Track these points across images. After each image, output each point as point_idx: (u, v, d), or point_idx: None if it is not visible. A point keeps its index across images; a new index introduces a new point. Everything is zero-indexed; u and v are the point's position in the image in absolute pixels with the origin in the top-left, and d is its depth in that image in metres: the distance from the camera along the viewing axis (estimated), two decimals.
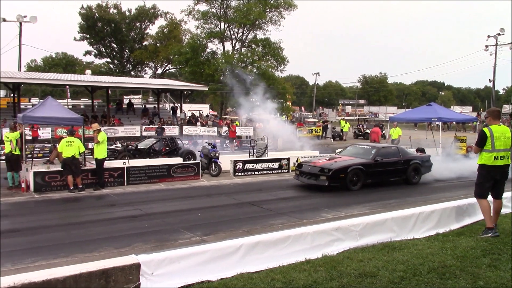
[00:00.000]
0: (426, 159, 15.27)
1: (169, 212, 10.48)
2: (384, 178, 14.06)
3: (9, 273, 5.96)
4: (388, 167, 13.97)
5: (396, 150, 14.66)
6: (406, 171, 14.28)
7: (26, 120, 13.47)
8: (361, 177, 13.18)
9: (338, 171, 12.85)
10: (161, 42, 51.47)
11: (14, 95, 26.49)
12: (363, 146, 15.12)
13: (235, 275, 5.83)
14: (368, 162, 13.50)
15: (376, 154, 13.80)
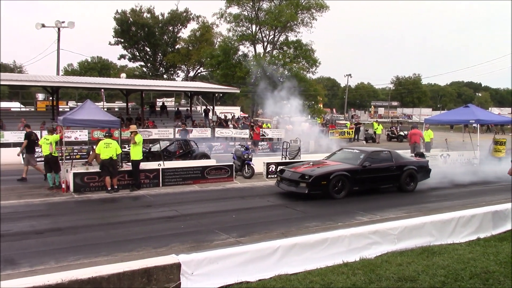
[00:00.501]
0: (424, 164, 14.26)
1: (204, 214, 10.60)
2: (374, 185, 13.15)
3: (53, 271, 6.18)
4: (378, 174, 13.00)
5: (388, 155, 13.56)
6: (400, 178, 13.30)
7: (66, 123, 13.89)
8: (346, 184, 12.25)
9: (319, 178, 11.93)
10: (193, 45, 52.10)
11: (53, 99, 27.34)
12: (352, 151, 13.98)
13: (273, 276, 5.87)
14: (355, 168, 12.54)
15: (364, 159, 12.82)
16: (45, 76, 28.67)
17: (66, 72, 63.93)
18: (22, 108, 33.57)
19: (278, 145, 25.45)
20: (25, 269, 6.57)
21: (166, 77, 56.41)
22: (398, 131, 37.73)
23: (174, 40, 56.20)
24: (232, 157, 17.10)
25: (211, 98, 32.79)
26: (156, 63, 57.71)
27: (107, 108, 34.89)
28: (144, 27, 53.80)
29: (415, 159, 14.52)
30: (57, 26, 34.53)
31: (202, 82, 38.55)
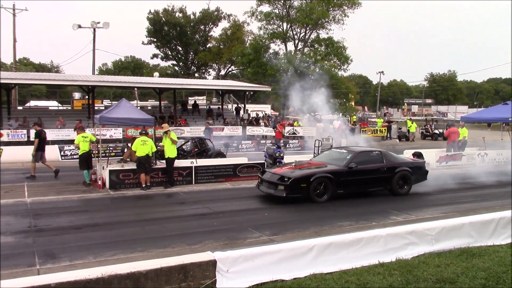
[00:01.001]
0: (419, 165, 13.29)
1: (236, 211, 10.65)
2: (361, 188, 12.28)
3: (92, 265, 6.36)
4: (366, 175, 12.16)
5: (378, 156, 12.66)
6: (391, 180, 12.39)
7: (102, 121, 14.21)
8: (329, 187, 11.47)
9: (298, 180, 11.19)
10: (224, 44, 52.43)
11: (89, 97, 28.06)
12: (340, 151, 13.24)
13: (308, 275, 5.84)
14: (339, 170, 11.75)
15: (350, 160, 12.00)
16: (81, 76, 29.46)
17: (101, 71, 65.50)
18: (60, 107, 34.62)
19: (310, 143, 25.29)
20: (65, 263, 6.77)
21: (198, 76, 57.02)
22: (433, 129, 36.86)
23: (206, 39, 56.72)
24: (264, 155, 17.11)
25: (242, 96, 32.93)
26: (187, 62, 58.41)
27: (141, 107, 35.56)
28: (176, 26, 54.53)
29: (409, 160, 13.54)
30: (93, 26, 35.43)
31: (233, 81, 38.77)
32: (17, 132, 21.93)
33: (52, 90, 43.72)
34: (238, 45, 47.52)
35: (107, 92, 47.81)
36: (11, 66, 41.81)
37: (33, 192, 12.43)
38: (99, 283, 4.87)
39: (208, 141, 18.42)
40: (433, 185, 13.55)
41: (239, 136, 26.66)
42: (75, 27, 35.38)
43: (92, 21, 35.32)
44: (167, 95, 38.69)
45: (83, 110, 30.43)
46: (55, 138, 22.13)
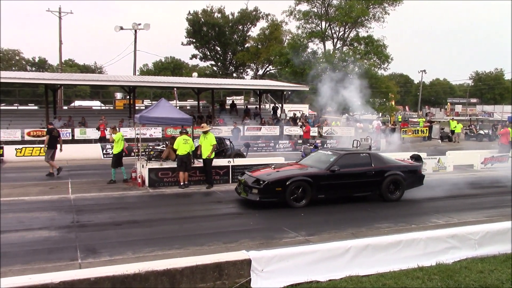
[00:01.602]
0: (413, 169, 12.35)
1: (273, 211, 10.58)
2: (345, 193, 11.48)
3: (131, 261, 6.51)
4: (351, 179, 11.33)
5: (366, 158, 11.76)
6: (381, 185, 11.55)
7: (142, 120, 14.54)
8: (308, 191, 10.77)
9: (273, 184, 10.50)
10: (262, 43, 52.53)
11: (130, 97, 28.80)
12: (326, 153, 12.41)
13: (343, 277, 5.75)
14: (320, 173, 11.00)
15: (333, 163, 11.22)
16: (123, 76, 30.25)
17: (142, 72, 67.08)
18: (102, 107, 35.69)
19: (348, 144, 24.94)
20: (105, 258, 6.95)
21: (236, 76, 57.38)
22: (478, 130, 35.52)
23: (244, 39, 57.01)
24: (301, 155, 17.01)
25: (279, 96, 32.86)
26: (226, 62, 58.90)
27: (180, 106, 36.13)
28: (215, 27, 55.09)
29: (403, 163, 12.56)
30: (134, 28, 36.31)
31: (270, 80, 38.76)
32: (62, 131, 22.74)
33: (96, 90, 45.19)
34: (276, 45, 47.47)
35: (147, 92, 48.93)
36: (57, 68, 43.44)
37: (76, 189, 12.86)
38: (136, 279, 4.98)
39: (227, 141, 18.29)
40: (477, 188, 13.06)
41: (276, 136, 26.63)
42: (117, 29, 36.38)
43: (134, 22, 36.24)
44: (205, 95, 39.17)
45: (124, 109, 31.25)
46: (97, 137, 22.85)
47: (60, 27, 36.32)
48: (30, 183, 13.90)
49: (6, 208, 10.35)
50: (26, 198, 11.62)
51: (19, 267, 6.47)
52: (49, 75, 32.66)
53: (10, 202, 11.05)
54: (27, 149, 20.62)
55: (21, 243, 7.73)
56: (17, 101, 36.99)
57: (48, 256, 7.01)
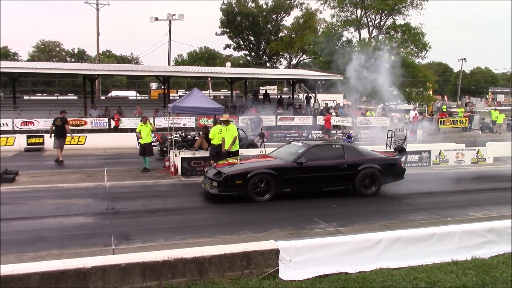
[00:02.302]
0: (391, 162, 11.59)
1: (304, 201, 10.53)
2: (313, 187, 10.85)
3: (162, 248, 6.63)
4: (319, 173, 10.68)
5: (339, 150, 11.06)
6: (354, 178, 10.88)
7: (175, 110, 14.71)
8: (272, 185, 10.22)
9: (232, 177, 10.03)
10: (296, 32, 52.03)
11: (164, 87, 29.20)
12: (297, 144, 11.70)
13: (373, 269, 5.66)
14: (285, 166, 10.44)
15: (300, 155, 10.61)
16: (158, 67, 30.70)
17: (177, 62, 67.88)
18: (138, 97, 36.35)
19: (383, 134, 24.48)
20: (138, 245, 7.10)
21: (269, 65, 57.16)
22: None
23: (278, 28, 56.62)
24: None
25: (313, 85, 32.54)
26: (259, 51, 58.73)
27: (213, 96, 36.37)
28: (248, 16, 54.95)
29: (380, 156, 11.75)
30: (169, 19, 36.72)
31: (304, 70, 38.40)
32: (99, 120, 23.38)
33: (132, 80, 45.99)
34: (310, 34, 46.92)
35: (181, 82, 49.45)
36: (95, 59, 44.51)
37: (112, 177, 13.19)
38: (165, 266, 5.06)
39: (240, 131, 17.94)
40: None
41: (310, 125, 26.43)
42: (152, 20, 36.86)
43: (168, 13, 36.65)
44: (238, 84, 39.23)
45: (159, 99, 31.71)
46: (133, 126, 23.30)
47: (98, 19, 37.16)
48: (68, 170, 14.36)
49: (45, 195, 10.76)
50: (64, 185, 12.02)
51: (56, 251, 6.70)
52: (87, 65, 33.54)
53: (49, 189, 11.47)
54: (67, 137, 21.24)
55: (59, 228, 8.00)
56: (57, 91, 38.16)
57: (83, 242, 7.23)
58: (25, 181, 12.43)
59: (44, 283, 4.70)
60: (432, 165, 16.20)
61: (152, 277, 5.03)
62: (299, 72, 34.32)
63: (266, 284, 5.24)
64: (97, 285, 4.85)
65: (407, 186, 12.27)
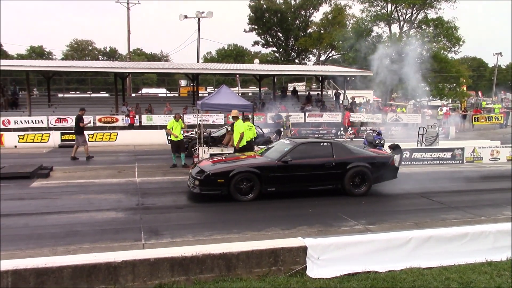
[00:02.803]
0: (382, 161, 11.08)
1: (332, 198, 10.44)
2: (300, 186, 10.47)
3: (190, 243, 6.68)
4: (306, 171, 10.34)
5: (327, 148, 10.66)
6: (343, 177, 10.48)
7: (204, 107, 14.83)
8: (256, 184, 9.94)
9: (214, 175, 9.79)
10: (325, 28, 51.52)
11: (193, 85, 29.46)
12: (284, 142, 11.34)
13: (403, 268, 5.55)
14: (269, 164, 10.14)
15: (286, 153, 10.29)
16: (187, 64, 30.97)
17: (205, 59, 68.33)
18: (168, 94, 36.81)
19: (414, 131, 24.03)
20: (167, 240, 7.19)
21: (298, 62, 56.87)
22: None
23: (306, 24, 56.24)
24: (363, 142, 16.61)
25: (342, 81, 32.18)
26: (288, 48, 58.49)
27: (241, 93, 36.47)
28: (277, 13, 54.78)
29: (371, 154, 11.31)
30: (198, 16, 36.95)
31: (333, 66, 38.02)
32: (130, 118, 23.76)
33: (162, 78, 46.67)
34: (339, 29, 46.39)
35: (210, 79, 49.80)
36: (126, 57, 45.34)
37: (142, 173, 13.41)
38: (193, 261, 5.11)
39: (257, 128, 17.83)
40: None
41: (339, 122, 26.17)
42: (182, 18, 37.17)
43: (197, 11, 36.83)
44: (267, 81, 39.20)
45: (188, 96, 32.04)
46: (163, 123, 23.64)
47: (129, 18, 37.81)
48: (100, 166, 14.68)
49: (78, 190, 11.03)
50: (96, 180, 12.30)
51: (88, 245, 6.86)
52: (118, 64, 34.17)
53: (82, 184, 11.76)
54: (98, 134, 21.79)
55: (91, 222, 8.19)
56: (89, 89, 39.08)
57: (114, 236, 7.38)
58: (59, 177, 12.78)
59: (76, 276, 4.83)
60: (466, 163, 15.78)
61: (181, 272, 5.09)
62: (327, 68, 34.00)
63: (293, 281, 5.22)
64: (127, 279, 4.95)
65: (438, 184, 12.03)
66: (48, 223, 8.19)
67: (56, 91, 33.84)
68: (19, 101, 25.75)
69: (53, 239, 7.17)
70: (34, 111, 23.70)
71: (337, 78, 32.93)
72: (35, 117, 22.69)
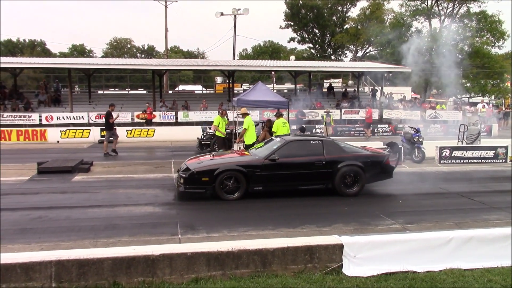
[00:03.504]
0: (376, 160, 10.61)
1: (368, 196, 10.30)
2: (287, 185, 10.10)
3: (225, 239, 6.75)
4: (294, 170, 9.99)
5: (318, 146, 10.29)
6: (334, 177, 10.06)
7: (239, 103, 14.91)
8: (242, 183, 9.68)
9: (199, 173, 9.61)
10: (362, 24, 50.66)
11: (229, 81, 29.67)
12: (276, 139, 10.98)
13: (443, 269, 5.40)
14: (256, 163, 9.85)
15: (274, 151, 9.98)
16: (223, 61, 31.25)
17: (241, 56, 68.58)
18: (204, 91, 37.23)
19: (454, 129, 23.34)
20: (203, 235, 7.28)
21: (334, 58, 56.22)
22: None
23: (343, 20, 55.47)
24: (401, 140, 16.26)
25: (379, 78, 31.61)
26: (324, 44, 57.90)
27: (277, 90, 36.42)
28: (313, 9, 54.30)
29: (364, 153, 10.79)
30: (234, 13, 37.16)
31: (370, 62, 37.39)
32: (167, 114, 24.22)
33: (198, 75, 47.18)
34: (377, 25, 45.50)
35: (246, 76, 49.97)
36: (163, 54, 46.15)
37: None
38: (229, 256, 5.15)
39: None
40: None
41: (375, 119, 25.74)
42: (218, 15, 37.47)
43: (233, 8, 37.04)
44: (302, 78, 38.95)
45: (224, 93, 32.29)
46: (199, 120, 23.95)
47: (166, 16, 38.43)
48: (138, 162, 15.02)
49: (117, 184, 11.33)
50: (135, 175, 12.59)
51: (127, 238, 7.03)
52: (156, 61, 34.82)
53: (120, 179, 12.07)
54: (136, 130, 22.30)
55: (129, 216, 8.40)
56: (128, 86, 40.01)
57: (152, 230, 7.53)
58: (99, 171, 13.17)
59: (116, 268, 4.96)
60: (509, 162, 15.18)
61: (217, 267, 5.15)
62: (364, 64, 33.47)
63: (329, 279, 5.18)
64: (164, 272, 5.05)
65: (479, 183, 11.64)
66: (88, 216, 8.45)
67: (96, 88, 34.86)
68: (61, 98, 26.69)
69: (93, 232, 7.40)
70: (76, 108, 24.53)
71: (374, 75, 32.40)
72: (76, 113, 23.49)
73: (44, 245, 6.59)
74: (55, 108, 25.27)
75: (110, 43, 66.67)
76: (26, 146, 20.23)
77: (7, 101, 25.07)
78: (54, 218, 8.22)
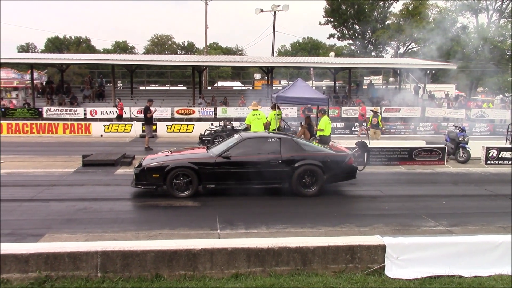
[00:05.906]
0: (337, 159, 10.07)
1: (410, 196, 10.06)
2: (241, 184, 9.71)
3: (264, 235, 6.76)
4: (247, 168, 9.57)
5: (275, 144, 9.92)
6: (291, 176, 9.66)
7: (279, 100, 14.84)
8: (194, 180, 9.42)
9: (149, 170, 9.42)
10: (404, 20, 49.41)
11: (268, 78, 29.65)
12: (235, 136, 10.67)
13: (492, 275, 5.19)
14: (208, 160, 9.58)
15: (228, 148, 9.72)
16: (261, 57, 31.22)
17: (280, 53, 68.40)
18: (242, 87, 37.37)
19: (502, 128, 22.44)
20: (241, 231, 7.31)
21: (375, 55, 55.12)
22: None
23: (385, 15, 54.28)
24: (445, 139, 15.76)
25: (422, 75, 30.74)
26: (364, 40, 56.85)
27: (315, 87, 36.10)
28: (354, 5, 53.38)
29: (325, 152, 10.29)
30: (273, 10, 37.04)
31: (412, 59, 36.44)
32: (206, 110, 24.47)
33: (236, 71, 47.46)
34: (420, 20, 44.25)
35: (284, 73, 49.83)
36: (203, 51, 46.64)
37: None
38: (269, 253, 5.15)
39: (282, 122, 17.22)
40: None
41: (417, 117, 25.09)
42: (258, 11, 37.45)
43: (273, 4, 36.90)
44: (342, 75, 38.45)
45: (262, 90, 32.32)
46: (237, 116, 24.08)
47: (206, 12, 38.78)
48: None
49: None
50: None
51: (167, 231, 7.15)
52: (196, 57, 35.24)
53: None
54: (176, 125, 22.66)
55: (169, 210, 8.55)
56: (168, 81, 40.72)
57: (191, 224, 7.62)
58: None
59: (158, 261, 5.06)
60: None
61: (257, 263, 5.15)
62: (406, 61, 32.65)
63: (371, 280, 5.08)
64: (205, 267, 5.10)
65: None
66: (130, 208, 8.65)
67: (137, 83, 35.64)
68: (105, 93, 27.48)
69: (134, 224, 7.57)
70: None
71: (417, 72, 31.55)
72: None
73: (89, 236, 6.80)
74: (99, 103, 26.05)
75: (151, 39, 68.01)
76: (72, 139, 20.96)
77: (54, 96, 26.05)
78: (98, 210, 8.47)
